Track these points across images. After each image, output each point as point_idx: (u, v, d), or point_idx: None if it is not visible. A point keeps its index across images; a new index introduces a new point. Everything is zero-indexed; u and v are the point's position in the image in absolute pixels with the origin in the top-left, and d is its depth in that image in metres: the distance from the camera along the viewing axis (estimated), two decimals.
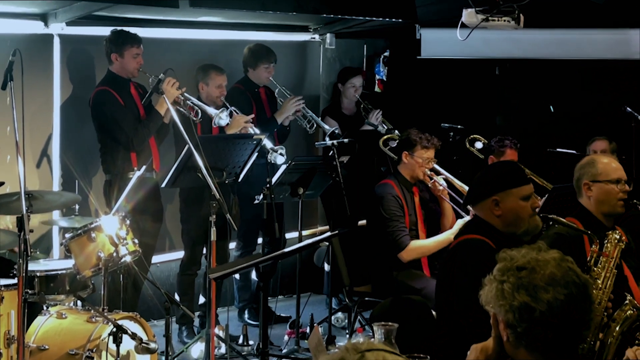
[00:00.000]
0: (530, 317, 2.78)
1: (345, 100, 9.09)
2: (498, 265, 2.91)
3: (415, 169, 7.18)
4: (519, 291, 2.80)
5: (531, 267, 2.82)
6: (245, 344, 7.41)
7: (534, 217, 4.66)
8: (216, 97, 7.78)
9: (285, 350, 7.44)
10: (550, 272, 2.81)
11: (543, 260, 2.84)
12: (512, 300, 2.81)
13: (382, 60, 10.56)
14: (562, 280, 2.80)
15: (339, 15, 8.88)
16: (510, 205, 4.60)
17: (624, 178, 5.26)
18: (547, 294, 2.78)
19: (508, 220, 4.61)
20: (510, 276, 2.83)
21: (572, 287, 2.80)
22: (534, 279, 2.80)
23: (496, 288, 2.85)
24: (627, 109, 8.62)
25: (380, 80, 10.58)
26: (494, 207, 4.61)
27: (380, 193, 7.09)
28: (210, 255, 6.59)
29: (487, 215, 4.64)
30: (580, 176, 5.31)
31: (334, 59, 9.98)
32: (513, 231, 4.60)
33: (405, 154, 7.19)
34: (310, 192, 7.69)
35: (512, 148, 8.09)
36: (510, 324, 2.82)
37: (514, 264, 2.85)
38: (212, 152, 6.63)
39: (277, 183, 7.30)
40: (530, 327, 2.79)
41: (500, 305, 2.84)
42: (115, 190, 7.10)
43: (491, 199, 4.61)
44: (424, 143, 7.16)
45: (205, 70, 7.86)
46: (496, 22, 7.51)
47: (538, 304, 2.78)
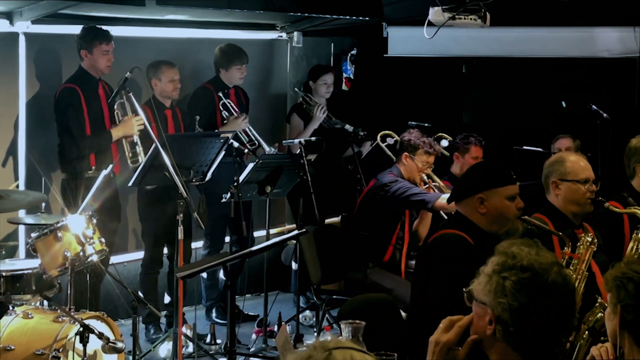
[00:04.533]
0: (526, 319, 2.80)
1: (316, 98, 9.05)
2: (497, 258, 2.91)
3: (413, 172, 7.22)
4: (520, 292, 2.82)
5: (535, 270, 2.84)
6: (212, 342, 7.39)
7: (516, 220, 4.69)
8: (171, 92, 7.74)
9: (253, 349, 7.43)
10: (553, 279, 2.83)
11: (545, 264, 2.85)
12: (512, 300, 2.82)
13: (350, 58, 10.57)
14: (563, 288, 2.83)
15: (306, 13, 8.87)
16: (496, 204, 4.63)
17: (592, 177, 5.29)
18: (547, 301, 2.80)
19: (492, 218, 4.63)
20: (513, 275, 2.84)
21: (568, 295, 2.84)
22: (537, 283, 2.82)
23: (496, 283, 2.86)
24: (592, 106, 8.67)
25: (347, 78, 10.58)
26: (479, 205, 4.63)
27: (387, 179, 7.11)
28: (177, 254, 6.57)
29: (471, 212, 4.66)
30: (548, 174, 5.34)
31: (301, 57, 9.97)
32: (496, 230, 4.63)
33: (406, 155, 7.23)
34: (278, 190, 7.68)
35: (476, 145, 8.15)
36: (503, 321, 2.83)
37: (517, 263, 2.86)
38: (179, 150, 6.60)
39: (245, 181, 7.28)
40: (524, 329, 2.81)
41: (499, 302, 2.84)
42: (72, 189, 7.05)
43: (477, 196, 4.64)
44: (427, 148, 7.21)
45: (156, 66, 7.80)
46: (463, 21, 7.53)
47: (537, 309, 2.80)
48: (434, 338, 2.99)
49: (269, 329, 7.55)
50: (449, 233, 4.65)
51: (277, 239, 6.01)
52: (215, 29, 9.01)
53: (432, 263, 4.58)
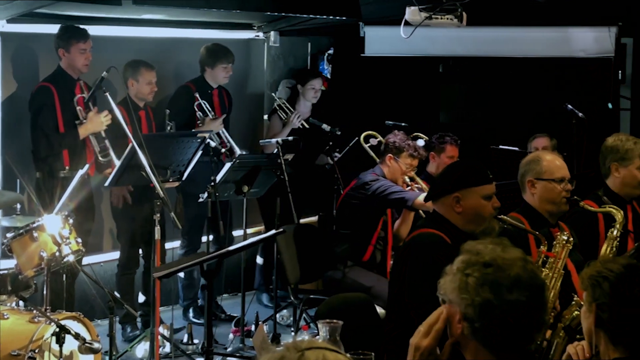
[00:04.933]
0: (490, 314, 2.80)
1: (301, 102, 9.02)
2: (462, 257, 2.91)
3: (396, 174, 7.23)
4: (483, 287, 2.81)
5: (497, 265, 2.83)
6: (190, 342, 7.38)
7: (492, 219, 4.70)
8: (147, 94, 7.72)
9: (231, 348, 7.42)
10: (516, 273, 2.82)
11: (509, 259, 2.85)
12: (475, 295, 2.82)
13: (327, 58, 10.57)
14: (526, 282, 2.82)
15: (283, 13, 8.87)
16: (472, 203, 4.64)
17: (568, 177, 5.32)
18: (510, 295, 2.80)
19: (468, 217, 4.65)
20: (476, 271, 2.84)
21: (534, 289, 2.83)
22: (499, 278, 2.82)
23: (460, 280, 2.86)
24: (568, 106, 8.70)
25: (324, 78, 10.58)
26: (455, 204, 4.65)
27: (369, 177, 7.11)
28: (154, 254, 6.56)
29: (447, 211, 4.68)
30: (524, 172, 5.36)
31: (278, 57, 9.97)
32: (472, 229, 4.64)
33: (390, 157, 7.24)
34: (255, 190, 7.68)
35: (452, 144, 8.18)
36: (469, 318, 2.84)
37: (480, 259, 2.86)
38: (156, 150, 6.58)
39: (222, 181, 7.28)
40: (487, 325, 2.81)
41: (462, 299, 2.85)
42: (48, 189, 7.02)
43: (453, 195, 4.65)
44: (412, 151, 7.22)
45: (134, 66, 7.75)
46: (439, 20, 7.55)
47: (500, 303, 2.80)
48: (415, 342, 2.99)
49: (246, 328, 7.54)
50: (426, 232, 4.67)
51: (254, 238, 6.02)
52: (192, 29, 8.99)
53: (409, 262, 4.59)
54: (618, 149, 6.07)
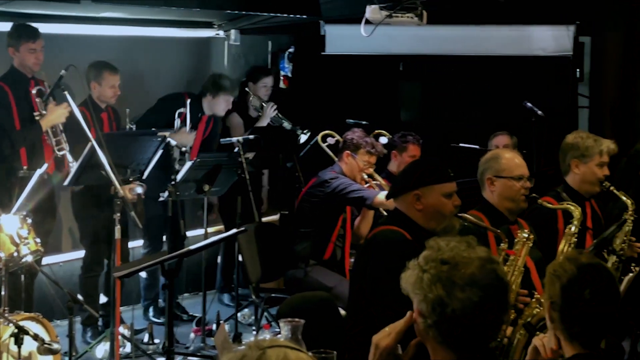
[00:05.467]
0: (442, 312, 2.80)
1: (254, 100, 9.00)
2: (424, 252, 2.91)
3: (354, 171, 7.22)
4: (436, 284, 2.82)
5: (454, 263, 2.83)
6: (150, 342, 7.34)
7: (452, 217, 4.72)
8: (110, 98, 7.64)
9: (192, 348, 7.39)
10: (472, 272, 2.82)
11: (468, 258, 2.85)
12: (429, 291, 2.82)
13: (287, 56, 10.56)
14: (482, 282, 2.82)
15: (243, 11, 8.85)
16: (432, 201, 4.65)
17: (527, 174, 5.35)
18: (462, 293, 2.79)
19: (429, 215, 4.66)
20: (432, 267, 2.84)
21: (490, 290, 2.82)
22: (453, 275, 2.82)
23: (417, 275, 2.86)
24: (527, 104, 8.75)
25: (285, 76, 10.58)
26: (415, 201, 4.65)
27: (330, 175, 7.10)
28: (113, 254, 6.51)
29: (408, 209, 4.69)
30: (484, 170, 5.39)
31: (239, 56, 9.94)
32: (433, 227, 4.65)
33: (348, 154, 7.23)
34: (216, 189, 7.65)
35: (414, 144, 8.19)
36: (422, 313, 2.84)
37: (438, 256, 2.86)
38: (116, 149, 6.54)
39: (183, 180, 7.25)
40: (439, 322, 2.81)
41: (416, 294, 2.85)
42: (6, 188, 6.95)
43: (413, 193, 4.66)
44: (369, 148, 7.22)
45: (98, 68, 7.64)
46: (400, 19, 7.56)
47: (451, 301, 2.79)
48: (375, 340, 2.99)
49: (208, 328, 7.52)
50: (387, 229, 4.68)
51: (215, 237, 6.00)
52: (151, 27, 8.95)
53: (370, 259, 4.60)
54: (578, 146, 6.12)
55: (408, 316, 2.90)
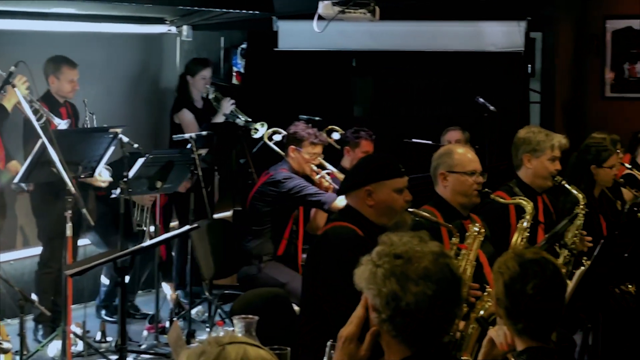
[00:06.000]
0: (396, 306, 2.80)
1: (194, 92, 8.98)
2: (377, 247, 2.91)
3: (302, 164, 7.19)
4: (390, 278, 2.81)
5: (408, 257, 2.83)
6: (103, 340, 7.29)
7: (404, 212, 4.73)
8: (68, 92, 7.60)
9: (145, 346, 7.35)
10: (425, 266, 2.82)
11: (421, 252, 2.85)
12: (382, 286, 2.82)
13: (240, 52, 10.54)
14: (435, 276, 2.81)
15: (196, 7, 8.82)
16: (383, 196, 4.65)
17: (479, 169, 5.38)
18: (416, 287, 2.79)
19: (380, 211, 4.66)
20: (386, 262, 2.84)
21: (443, 283, 2.82)
22: (407, 270, 2.81)
23: (370, 270, 2.86)
24: (479, 99, 8.80)
25: (238, 72, 10.56)
26: (366, 197, 4.65)
27: (283, 175, 7.07)
28: (65, 252, 6.46)
29: (359, 204, 4.68)
30: (437, 165, 5.40)
31: (191, 51, 9.90)
32: (384, 222, 4.66)
33: (292, 148, 7.20)
34: (169, 185, 7.61)
35: (367, 139, 8.18)
36: (376, 308, 2.84)
37: (392, 250, 2.86)
38: (67, 146, 6.49)
39: (135, 177, 7.20)
40: (393, 316, 2.81)
41: (370, 289, 2.85)
42: None
43: (364, 189, 4.66)
44: (312, 139, 7.18)
45: (56, 63, 7.60)
46: (352, 14, 7.58)
47: (405, 295, 2.79)
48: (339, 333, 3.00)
49: (161, 325, 7.48)
50: (339, 226, 4.68)
51: (168, 234, 5.97)
52: (103, 22, 8.88)
53: (322, 256, 4.60)
54: (530, 140, 6.17)
55: (364, 301, 2.90)
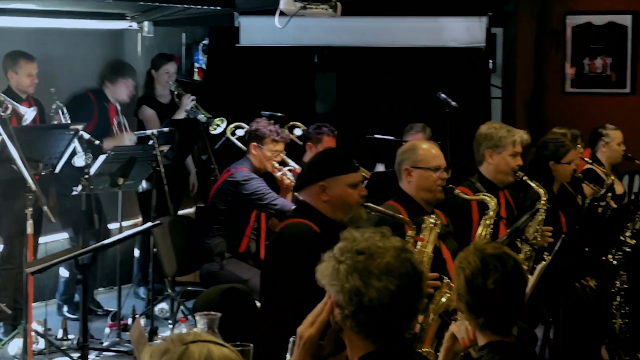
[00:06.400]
0: (359, 302, 2.81)
1: (158, 87, 8.97)
2: (339, 243, 2.92)
3: (263, 161, 7.17)
4: (352, 274, 2.82)
5: (370, 253, 2.84)
6: (65, 338, 7.25)
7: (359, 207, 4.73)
8: (27, 86, 7.57)
9: (107, 343, 7.31)
10: (387, 261, 2.83)
11: (383, 247, 2.86)
12: (345, 282, 2.83)
13: (201, 48, 10.50)
14: (397, 271, 2.83)
15: (157, 3, 8.77)
16: (338, 192, 4.65)
17: (443, 165, 5.40)
18: (378, 283, 2.81)
19: (335, 206, 4.66)
20: (348, 258, 2.85)
21: (405, 279, 2.84)
22: (369, 265, 2.83)
23: (332, 267, 2.87)
24: (441, 95, 8.83)
25: (200, 68, 10.52)
26: (321, 192, 4.65)
27: (243, 177, 7.03)
28: (26, 249, 6.41)
29: (314, 200, 4.68)
30: (401, 161, 5.42)
31: (152, 48, 9.85)
32: (339, 217, 4.66)
33: (254, 145, 7.17)
34: (131, 182, 7.58)
35: (329, 135, 8.18)
36: (339, 304, 2.85)
37: (354, 246, 2.87)
38: (27, 143, 6.43)
39: (97, 174, 7.16)
40: (356, 312, 2.82)
41: (333, 285, 2.86)
42: None
43: (318, 184, 4.65)
44: (274, 136, 7.15)
45: (14, 58, 7.59)
46: (314, 10, 7.57)
47: (368, 291, 2.80)
48: (299, 331, 3.00)
49: (123, 322, 7.44)
50: (295, 222, 4.68)
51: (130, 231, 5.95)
52: (64, 18, 8.82)
53: (279, 254, 4.60)
54: (492, 136, 6.21)
55: (329, 305, 2.91)
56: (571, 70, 10.42)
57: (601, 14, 10.34)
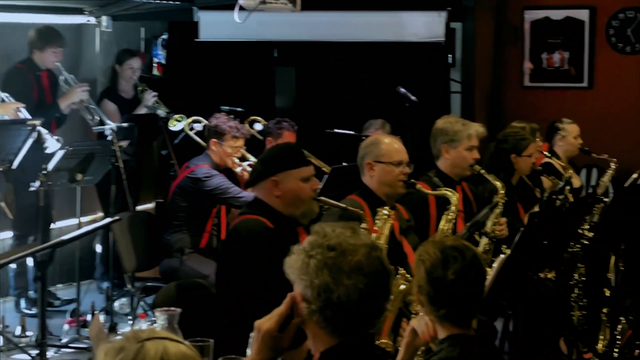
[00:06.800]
0: (327, 298, 2.82)
1: (122, 83, 8.95)
2: (310, 237, 2.92)
3: (223, 157, 7.13)
4: (323, 270, 2.83)
5: (341, 250, 2.85)
6: (23, 335, 7.19)
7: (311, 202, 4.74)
8: None
9: (66, 340, 7.26)
10: (359, 259, 2.84)
11: (355, 245, 2.87)
12: (315, 277, 2.83)
13: (160, 43, 10.45)
14: (367, 269, 2.84)
15: None
16: (290, 186, 4.65)
17: (406, 160, 5.42)
18: (348, 280, 2.81)
19: (288, 201, 4.65)
20: (319, 253, 2.85)
21: (375, 277, 2.85)
22: (341, 262, 2.83)
23: (302, 261, 2.87)
24: (401, 89, 8.84)
25: (159, 63, 10.47)
26: (273, 187, 4.64)
27: (204, 173, 6.99)
28: None
29: (266, 195, 4.67)
30: (364, 155, 5.43)
31: (111, 42, 9.79)
32: (292, 212, 4.66)
33: (214, 141, 7.12)
34: (89, 177, 7.53)
35: (289, 130, 8.15)
36: (307, 299, 2.85)
37: (325, 242, 2.87)
38: None
39: (55, 169, 7.11)
40: (324, 308, 2.83)
41: (302, 280, 2.86)
42: None
43: (271, 179, 4.65)
44: (234, 132, 7.12)
45: None
46: (273, 5, 7.56)
47: (338, 288, 2.81)
48: (258, 324, 2.99)
49: (82, 319, 7.39)
50: (247, 219, 4.67)
51: (89, 227, 5.91)
52: (21, 13, 8.75)
53: (234, 249, 4.58)
54: (447, 130, 6.23)
55: (289, 299, 2.90)
56: (529, 65, 10.48)
57: (559, 8, 10.40)
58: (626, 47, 9.97)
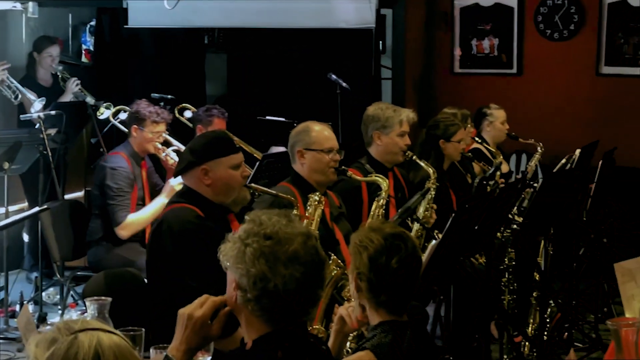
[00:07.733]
0: (264, 287, 2.82)
1: (41, 71, 8.77)
2: (245, 225, 2.91)
3: (144, 143, 7.04)
4: (259, 259, 2.82)
5: (278, 239, 2.84)
6: None
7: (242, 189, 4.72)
8: None
9: None
10: (295, 248, 2.84)
11: (291, 234, 2.86)
12: (251, 266, 2.82)
13: (89, 29, 10.33)
14: (304, 258, 2.85)
15: None
16: (220, 174, 4.62)
17: (336, 147, 5.43)
18: (285, 270, 2.82)
19: (218, 189, 4.63)
20: (255, 242, 2.84)
21: (310, 266, 2.86)
22: (277, 252, 2.83)
23: (238, 249, 2.86)
24: (331, 76, 8.85)
25: (87, 50, 10.35)
26: (203, 176, 4.61)
27: (112, 165, 6.89)
28: None
29: (196, 184, 4.64)
30: (294, 143, 5.43)
31: (38, 29, 9.65)
32: (223, 200, 4.64)
33: (135, 127, 7.02)
34: (17, 166, 7.42)
35: (220, 117, 8.09)
36: (242, 287, 2.84)
37: (261, 230, 2.86)
38: None
39: None
40: (260, 296, 2.83)
41: (238, 268, 2.85)
42: None
43: (200, 168, 4.61)
44: (154, 117, 7.02)
45: None
46: None
47: (274, 277, 2.81)
48: (187, 312, 2.97)
49: (10, 309, 7.30)
50: (177, 208, 4.63)
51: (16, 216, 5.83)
52: None
53: (164, 239, 4.55)
54: (379, 117, 6.25)
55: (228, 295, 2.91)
56: (459, 51, 10.55)
57: None
58: (554, 34, 10.07)
